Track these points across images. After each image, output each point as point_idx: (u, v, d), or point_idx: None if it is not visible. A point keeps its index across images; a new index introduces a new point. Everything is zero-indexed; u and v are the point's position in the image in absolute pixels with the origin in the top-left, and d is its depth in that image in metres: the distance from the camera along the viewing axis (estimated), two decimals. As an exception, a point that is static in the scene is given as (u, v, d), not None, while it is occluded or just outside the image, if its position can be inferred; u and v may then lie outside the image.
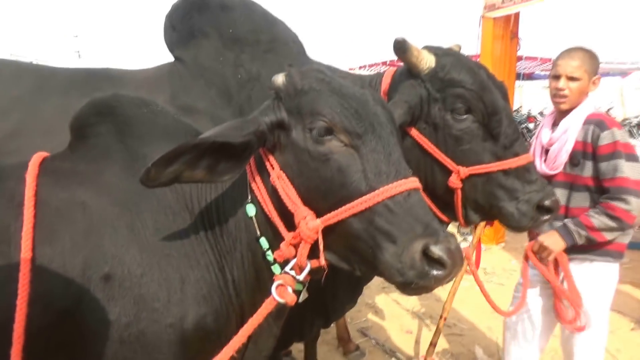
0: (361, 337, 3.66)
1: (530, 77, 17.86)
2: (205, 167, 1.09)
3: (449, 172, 1.60)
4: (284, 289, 1.08)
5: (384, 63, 15.28)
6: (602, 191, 2.03)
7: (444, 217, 1.72)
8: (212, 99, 1.89)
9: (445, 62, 1.61)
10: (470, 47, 5.93)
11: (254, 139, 1.11)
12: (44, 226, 1.11)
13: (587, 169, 2.07)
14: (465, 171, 1.58)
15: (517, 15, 5.20)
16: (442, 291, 3.53)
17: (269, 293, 1.10)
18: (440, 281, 1.01)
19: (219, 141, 1.06)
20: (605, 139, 2.01)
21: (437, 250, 0.98)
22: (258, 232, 1.20)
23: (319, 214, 1.08)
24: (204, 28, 1.94)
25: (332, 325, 2.76)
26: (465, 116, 1.58)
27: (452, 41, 1.81)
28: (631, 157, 1.99)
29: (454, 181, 1.59)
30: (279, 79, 1.16)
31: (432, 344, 2.89)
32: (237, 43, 1.93)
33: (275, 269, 1.19)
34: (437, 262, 0.99)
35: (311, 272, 1.11)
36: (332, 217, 1.06)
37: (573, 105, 2.11)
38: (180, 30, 1.98)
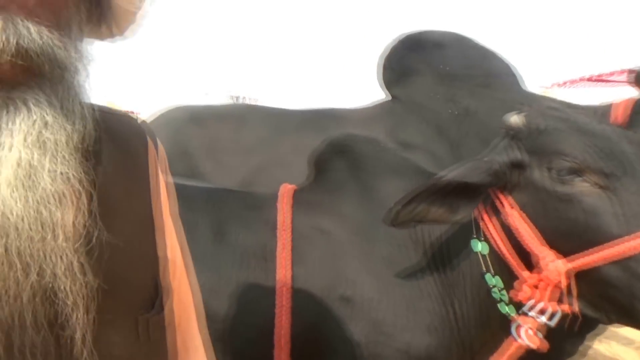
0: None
1: None
2: (441, 206, 1.14)
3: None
4: (530, 332, 1.05)
5: (590, 79, 13.64)
6: None
7: None
8: (428, 134, 1.96)
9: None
10: None
11: (490, 179, 1.13)
12: (296, 249, 1.29)
13: None
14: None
15: None
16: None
17: (499, 331, 1.09)
18: None
19: (458, 181, 1.11)
20: None
21: None
22: (483, 269, 1.20)
23: (559, 255, 1.04)
24: (419, 66, 2.04)
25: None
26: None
27: None
28: None
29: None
30: (515, 118, 1.16)
31: None
32: (451, 79, 1.97)
33: (503, 307, 1.17)
34: None
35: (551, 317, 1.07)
36: (585, 263, 1.01)
37: None
38: (395, 69, 2.11)
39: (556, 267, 1.03)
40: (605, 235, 1.01)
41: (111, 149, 0.63)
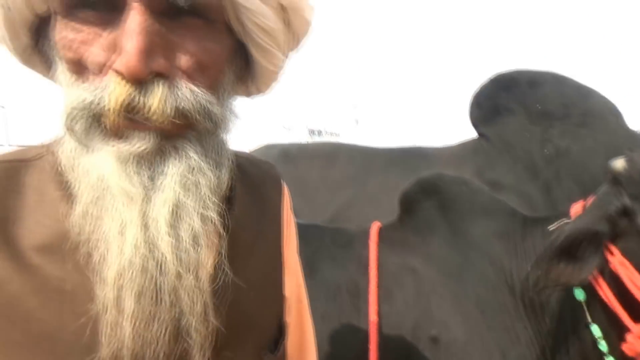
0: None
1: None
2: (571, 261, 1.10)
3: None
4: None
5: None
6: None
7: None
8: (518, 174, 1.92)
9: None
10: None
11: (609, 227, 1.09)
12: (383, 286, 1.32)
13: None
14: None
15: None
16: None
17: None
18: None
19: (587, 230, 1.08)
20: None
21: None
22: (589, 318, 1.15)
23: None
24: (510, 105, 2.02)
25: None
26: None
27: None
28: None
29: None
30: (619, 163, 1.13)
31: None
32: (546, 118, 1.93)
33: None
34: None
35: None
36: None
37: None
38: (485, 107, 2.11)
39: None
40: None
41: (245, 193, 0.68)
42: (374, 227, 1.49)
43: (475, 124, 2.16)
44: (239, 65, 0.61)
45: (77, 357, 0.51)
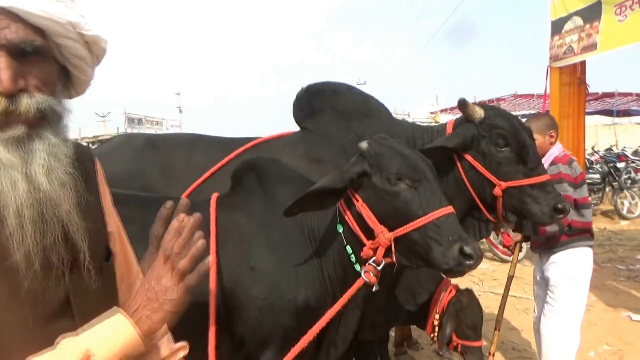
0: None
1: (626, 113, 16.61)
2: (318, 201, 1.75)
3: (493, 185, 2.38)
4: (369, 274, 1.70)
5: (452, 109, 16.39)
6: None
7: (490, 217, 2.46)
8: (334, 153, 2.62)
9: (491, 114, 2.38)
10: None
11: (348, 183, 1.76)
12: (219, 237, 1.84)
13: None
14: (504, 185, 2.35)
15: (582, 63, 5.55)
16: (494, 307, 3.78)
17: (352, 280, 1.72)
18: (469, 267, 1.62)
19: (329, 187, 1.72)
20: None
21: (468, 249, 1.60)
22: (345, 242, 1.82)
23: (388, 229, 1.68)
24: (322, 107, 2.76)
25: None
26: (504, 148, 2.33)
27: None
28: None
29: (497, 191, 2.37)
30: (364, 144, 1.80)
31: (491, 354, 3.17)
32: (346, 114, 2.70)
33: (357, 267, 1.79)
34: (468, 256, 1.58)
35: (385, 266, 1.71)
36: (401, 231, 1.66)
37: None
38: (304, 109, 2.83)
39: (389, 235, 1.67)
40: (414, 215, 1.66)
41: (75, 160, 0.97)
42: (214, 197, 2.02)
43: (299, 121, 2.86)
44: (63, 79, 0.97)
45: (4, 260, 0.83)
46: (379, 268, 1.70)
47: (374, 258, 1.70)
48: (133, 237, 1.27)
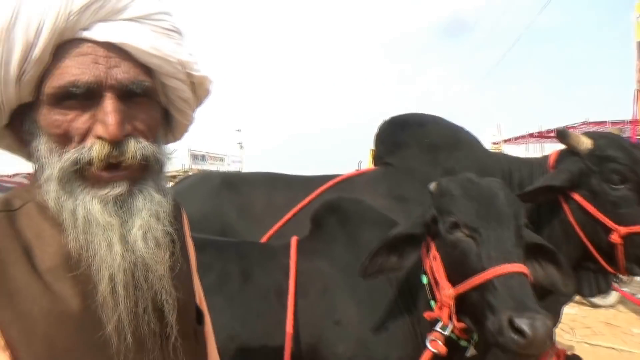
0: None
1: None
2: (397, 254, 1.54)
3: (609, 231, 1.96)
4: (436, 343, 1.43)
5: (531, 135, 15.44)
6: None
7: (609, 268, 2.03)
8: (418, 190, 2.39)
9: (601, 143, 2.00)
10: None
11: (424, 229, 1.54)
12: (300, 285, 1.71)
13: None
14: (623, 231, 1.93)
15: None
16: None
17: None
18: (524, 348, 1.20)
19: (404, 234, 1.53)
20: None
21: (519, 322, 1.21)
22: (429, 296, 1.56)
23: (454, 285, 1.42)
24: (406, 140, 2.55)
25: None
26: (620, 186, 1.94)
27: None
28: None
29: (615, 238, 1.95)
30: (432, 186, 1.59)
31: None
32: (433, 148, 2.47)
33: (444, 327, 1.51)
34: (519, 332, 1.21)
35: (465, 331, 1.45)
36: (460, 288, 1.39)
37: None
38: (387, 143, 2.64)
39: (448, 293, 1.40)
40: (472, 270, 1.37)
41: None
42: (294, 241, 1.90)
43: (380, 156, 2.67)
44: (164, 124, 0.91)
45: (96, 332, 0.75)
46: (445, 333, 1.43)
47: (440, 322, 1.44)
48: (209, 289, 1.17)
